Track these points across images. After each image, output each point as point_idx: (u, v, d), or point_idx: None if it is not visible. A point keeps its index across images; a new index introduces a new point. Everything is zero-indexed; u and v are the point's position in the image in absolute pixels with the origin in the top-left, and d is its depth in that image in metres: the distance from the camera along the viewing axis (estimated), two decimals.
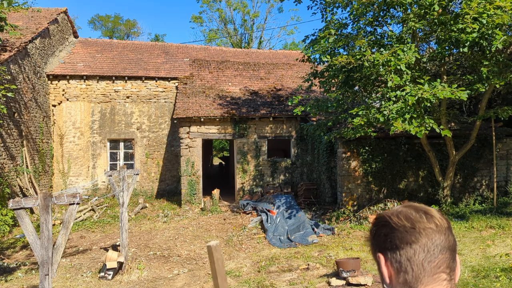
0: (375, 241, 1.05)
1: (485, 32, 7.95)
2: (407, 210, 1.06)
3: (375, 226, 1.07)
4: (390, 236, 1.00)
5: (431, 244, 0.97)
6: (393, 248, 0.99)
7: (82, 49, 17.31)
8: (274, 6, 38.59)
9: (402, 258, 0.98)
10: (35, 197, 4.31)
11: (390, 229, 1.01)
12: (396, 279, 0.99)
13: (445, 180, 10.83)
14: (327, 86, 10.94)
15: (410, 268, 0.97)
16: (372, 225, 1.09)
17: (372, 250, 1.08)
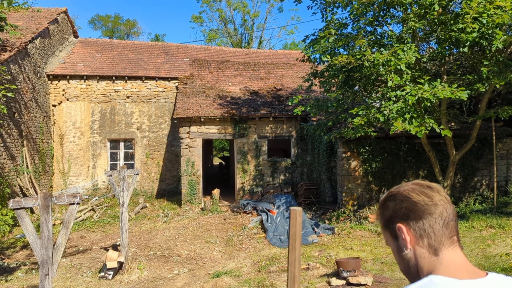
0: (395, 214, 1.22)
1: (485, 32, 7.94)
2: (419, 188, 1.27)
3: (393, 201, 1.24)
4: (412, 209, 1.19)
5: (446, 213, 1.18)
6: (416, 218, 1.18)
7: (82, 49, 17.32)
8: (274, 6, 38.59)
9: (425, 226, 1.17)
10: (35, 197, 4.31)
11: (411, 203, 1.20)
12: (420, 244, 1.17)
13: (445, 180, 10.83)
14: (327, 86, 10.94)
15: (432, 233, 1.17)
16: (389, 201, 1.26)
17: (387, 223, 1.25)
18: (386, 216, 1.26)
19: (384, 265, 6.63)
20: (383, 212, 1.27)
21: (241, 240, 9.92)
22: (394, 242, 1.24)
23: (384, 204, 1.28)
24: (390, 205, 1.25)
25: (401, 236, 1.20)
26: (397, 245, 1.23)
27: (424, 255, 1.17)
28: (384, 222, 1.26)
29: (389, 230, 1.25)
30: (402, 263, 1.23)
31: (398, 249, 1.23)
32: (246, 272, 7.26)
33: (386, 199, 1.28)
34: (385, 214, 1.26)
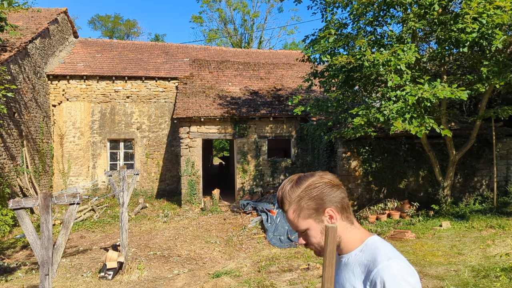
0: (318, 206, 1.46)
1: (485, 32, 7.95)
2: (326, 176, 1.51)
3: (309, 196, 1.46)
4: (331, 193, 1.47)
5: (345, 192, 1.51)
6: (336, 199, 1.47)
7: (82, 49, 17.32)
8: (274, 6, 38.60)
9: (343, 203, 1.48)
10: (35, 197, 4.31)
11: (328, 189, 1.47)
12: (341, 217, 1.48)
13: (445, 180, 10.83)
14: (327, 86, 10.94)
15: (347, 207, 1.50)
16: (305, 201, 1.47)
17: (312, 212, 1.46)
18: (313, 206, 1.46)
19: None
20: (307, 206, 1.46)
21: (241, 240, 9.92)
22: (318, 226, 1.47)
23: (308, 199, 1.46)
24: (314, 196, 1.46)
25: (330, 214, 1.46)
26: (321, 228, 1.46)
27: (346, 226, 1.49)
28: (312, 212, 1.46)
29: (313, 218, 1.47)
30: (322, 237, 1.46)
31: (317, 230, 1.47)
32: (246, 272, 7.26)
33: (306, 194, 1.47)
34: (313, 205, 1.46)
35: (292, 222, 1.50)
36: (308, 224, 1.47)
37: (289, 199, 1.49)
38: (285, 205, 1.50)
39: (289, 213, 1.50)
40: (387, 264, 1.36)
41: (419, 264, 6.52)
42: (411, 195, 11.71)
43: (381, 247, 1.44)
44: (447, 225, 9.16)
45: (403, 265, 1.38)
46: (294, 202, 1.48)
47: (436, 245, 7.75)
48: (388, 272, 1.34)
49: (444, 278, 5.76)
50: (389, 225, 9.91)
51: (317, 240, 1.48)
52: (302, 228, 1.49)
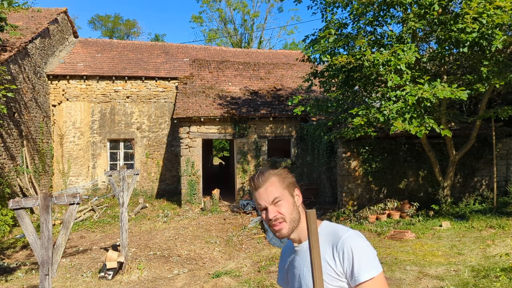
0: (293, 181, 1.75)
1: (485, 32, 7.95)
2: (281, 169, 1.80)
3: (289, 174, 1.76)
4: (293, 179, 1.77)
5: None
6: (296, 184, 1.78)
7: (82, 49, 17.32)
8: (274, 6, 38.60)
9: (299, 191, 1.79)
10: (35, 197, 4.31)
11: (291, 175, 1.76)
12: (300, 197, 1.77)
13: (445, 180, 10.83)
14: (327, 86, 10.94)
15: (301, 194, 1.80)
16: (286, 174, 1.75)
17: (289, 185, 1.73)
18: (289, 181, 1.73)
19: (384, 265, 6.63)
20: (285, 179, 1.72)
21: (241, 240, 9.92)
22: (291, 199, 1.71)
23: (286, 174, 1.74)
24: (289, 176, 1.74)
25: (298, 194, 1.75)
26: (293, 201, 1.72)
27: (300, 205, 1.76)
28: (287, 185, 1.71)
29: (288, 190, 1.71)
30: (294, 212, 1.70)
31: (294, 203, 1.72)
32: (246, 272, 7.26)
33: (283, 172, 1.75)
34: (289, 180, 1.73)
35: (269, 192, 1.69)
36: (283, 194, 1.69)
37: (272, 172, 1.73)
38: (261, 182, 1.70)
39: (266, 185, 1.69)
40: (349, 235, 1.61)
41: (419, 264, 6.52)
42: (411, 195, 11.71)
43: (336, 225, 1.72)
44: (447, 225, 9.16)
45: (358, 233, 1.65)
46: (278, 174, 1.72)
47: (436, 245, 7.75)
48: (352, 239, 1.60)
49: (444, 278, 5.76)
50: (389, 225, 9.91)
51: (288, 211, 1.69)
52: (277, 195, 1.68)
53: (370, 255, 1.61)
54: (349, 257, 1.56)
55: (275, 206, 1.68)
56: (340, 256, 1.58)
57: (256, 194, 1.71)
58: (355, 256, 1.56)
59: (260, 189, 1.68)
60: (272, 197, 1.67)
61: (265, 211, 1.69)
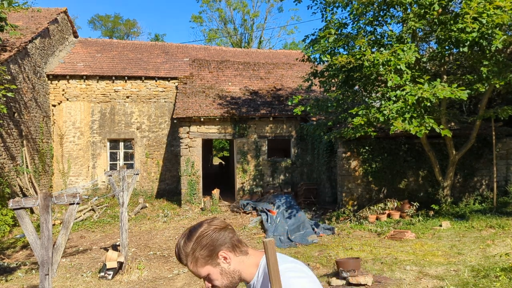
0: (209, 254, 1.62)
1: (485, 31, 7.95)
2: (213, 222, 1.68)
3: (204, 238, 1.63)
4: (219, 237, 1.64)
5: (233, 231, 1.69)
6: (226, 241, 1.64)
7: (82, 49, 17.31)
8: (274, 6, 38.63)
9: (233, 242, 1.65)
10: (35, 197, 4.31)
11: (216, 234, 1.64)
12: (234, 254, 1.65)
13: (445, 180, 10.83)
14: (327, 86, 10.94)
15: (237, 243, 1.67)
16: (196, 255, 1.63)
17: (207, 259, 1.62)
18: (205, 254, 1.62)
19: (384, 265, 6.63)
20: (200, 258, 1.62)
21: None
22: (217, 270, 1.64)
23: (200, 251, 1.62)
24: (204, 249, 1.62)
25: (223, 256, 1.63)
26: (220, 269, 1.64)
27: (242, 259, 1.67)
28: (205, 261, 1.63)
29: (210, 264, 1.63)
30: (225, 278, 1.64)
31: (221, 271, 1.64)
32: None
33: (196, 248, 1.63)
34: (205, 254, 1.62)
35: (194, 272, 1.66)
36: (207, 270, 1.64)
37: (184, 253, 1.64)
38: (183, 260, 1.65)
39: (189, 265, 1.65)
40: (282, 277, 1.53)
41: (419, 264, 6.52)
42: (411, 195, 11.71)
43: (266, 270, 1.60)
44: (447, 225, 9.16)
45: (292, 273, 1.57)
46: (190, 255, 1.63)
47: (436, 245, 7.75)
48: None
49: (444, 278, 5.76)
50: (389, 225, 9.91)
51: (219, 281, 1.65)
52: (204, 275, 1.65)
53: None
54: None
55: (207, 280, 1.68)
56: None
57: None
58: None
59: (188, 267, 1.68)
60: (200, 276, 1.67)
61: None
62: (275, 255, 1.45)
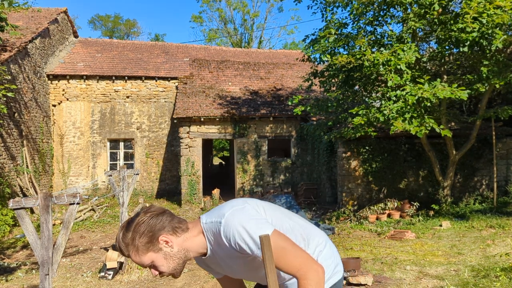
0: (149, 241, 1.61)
1: (485, 31, 7.95)
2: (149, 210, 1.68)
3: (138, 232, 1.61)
4: (157, 223, 1.62)
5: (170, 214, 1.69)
6: (164, 225, 1.63)
7: (82, 49, 17.31)
8: (274, 6, 38.63)
9: (172, 224, 1.64)
10: (35, 197, 4.31)
11: (154, 220, 1.62)
12: (176, 235, 1.64)
13: (445, 180, 10.83)
14: (327, 86, 10.94)
15: (177, 223, 1.66)
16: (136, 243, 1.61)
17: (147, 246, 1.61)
18: (145, 241, 1.60)
19: (384, 265, 6.63)
20: (140, 245, 1.60)
21: None
22: (160, 255, 1.63)
23: (139, 239, 1.61)
24: (142, 236, 1.61)
25: (165, 240, 1.62)
26: (163, 253, 1.63)
27: (185, 237, 1.66)
28: (147, 248, 1.61)
29: (152, 250, 1.62)
30: (170, 261, 1.64)
31: (165, 255, 1.63)
32: None
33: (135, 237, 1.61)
34: (144, 240, 1.60)
35: (137, 262, 1.64)
36: (150, 257, 1.62)
37: (124, 244, 1.61)
38: (124, 251, 1.62)
39: (131, 255, 1.62)
40: (222, 228, 1.60)
41: (419, 264, 6.52)
42: (411, 195, 11.71)
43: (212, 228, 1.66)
44: (447, 225, 9.16)
45: (231, 215, 1.60)
46: (130, 245, 1.61)
47: (436, 245, 7.75)
48: (229, 231, 1.57)
49: (444, 277, 5.76)
50: (389, 225, 9.91)
51: (165, 267, 1.64)
52: (147, 263, 1.63)
53: (248, 228, 1.55)
54: (237, 243, 1.57)
55: (153, 268, 1.66)
56: (232, 244, 1.59)
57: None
58: (242, 246, 1.56)
59: (131, 258, 1.65)
60: (144, 265, 1.65)
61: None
62: (271, 250, 1.46)
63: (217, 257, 1.72)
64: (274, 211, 1.76)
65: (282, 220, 1.74)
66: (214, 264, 1.81)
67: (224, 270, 1.83)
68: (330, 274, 1.82)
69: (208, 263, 1.82)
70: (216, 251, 1.69)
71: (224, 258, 1.70)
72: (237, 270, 1.77)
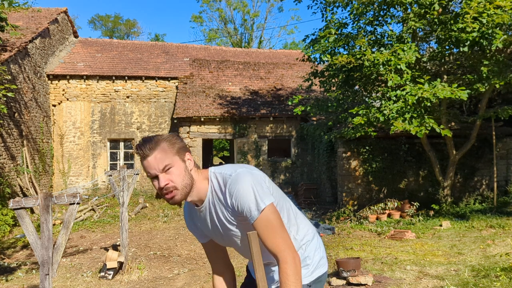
0: (183, 147, 1.71)
1: (485, 31, 7.95)
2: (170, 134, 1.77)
3: (178, 139, 1.73)
4: (184, 143, 1.74)
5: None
6: (188, 150, 1.75)
7: (82, 49, 17.31)
8: (274, 6, 38.63)
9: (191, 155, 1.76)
10: (36, 197, 4.31)
11: (180, 140, 1.74)
12: (194, 164, 1.76)
13: (445, 180, 10.83)
14: (327, 86, 10.94)
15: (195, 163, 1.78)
16: (175, 139, 1.71)
17: (179, 150, 1.69)
18: (179, 146, 1.69)
19: (384, 265, 6.63)
20: (175, 144, 1.69)
21: None
22: (182, 164, 1.68)
23: (176, 140, 1.71)
24: (178, 141, 1.71)
25: (189, 158, 1.72)
26: (184, 166, 1.69)
27: (196, 171, 1.76)
28: (177, 150, 1.68)
29: (179, 156, 1.68)
30: (186, 177, 1.69)
31: (185, 169, 1.70)
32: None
33: (172, 137, 1.72)
34: (179, 145, 1.69)
35: (158, 160, 1.63)
36: (174, 161, 1.66)
37: (155, 141, 1.65)
38: (148, 151, 1.63)
39: (155, 153, 1.63)
40: (229, 183, 1.67)
41: (419, 264, 6.52)
42: (411, 195, 11.71)
43: (220, 176, 1.73)
44: (447, 225, 9.16)
45: (240, 175, 1.66)
46: (162, 141, 1.66)
47: (436, 244, 7.75)
48: (235, 189, 1.65)
49: (444, 277, 5.76)
50: (389, 224, 9.91)
51: (180, 179, 1.67)
52: (167, 162, 1.64)
53: (255, 191, 1.63)
54: (238, 202, 1.64)
55: (166, 173, 1.66)
56: (233, 202, 1.66)
57: (144, 163, 1.66)
58: (243, 199, 1.62)
59: (148, 158, 1.63)
60: (162, 165, 1.64)
61: (156, 180, 1.66)
62: (258, 246, 1.51)
63: (211, 212, 1.78)
64: (277, 190, 1.83)
65: (281, 200, 1.81)
66: (203, 223, 1.86)
67: (210, 232, 1.87)
68: (316, 266, 1.87)
69: (198, 219, 1.88)
70: (213, 204, 1.75)
71: (215, 215, 1.76)
72: (223, 235, 1.81)
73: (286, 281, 1.57)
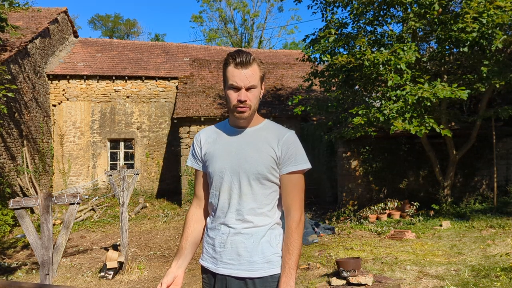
0: (264, 75, 1.84)
1: (485, 31, 7.95)
2: None
3: (261, 64, 1.83)
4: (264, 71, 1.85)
5: None
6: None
7: (82, 49, 17.31)
8: (274, 6, 38.61)
9: None
10: (36, 197, 4.31)
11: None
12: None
13: (445, 179, 10.83)
14: (327, 86, 10.94)
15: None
16: (261, 66, 1.82)
17: (262, 75, 1.82)
18: (263, 72, 1.83)
19: (384, 265, 6.63)
20: (262, 70, 1.82)
21: None
22: (259, 90, 1.83)
23: (261, 66, 1.82)
24: (262, 67, 1.84)
25: (263, 87, 1.86)
26: (260, 92, 1.84)
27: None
28: (262, 76, 1.81)
29: (261, 81, 1.81)
30: (257, 103, 1.83)
31: (259, 95, 1.84)
32: None
33: (259, 62, 1.82)
34: (263, 72, 1.83)
35: (249, 77, 1.75)
36: (258, 84, 1.80)
37: (252, 59, 1.76)
38: (246, 63, 1.73)
39: (250, 68, 1.75)
40: (291, 133, 1.91)
41: (419, 264, 6.52)
42: (411, 195, 11.71)
43: (278, 125, 1.96)
44: (447, 225, 9.17)
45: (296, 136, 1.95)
46: (256, 62, 1.78)
47: (436, 244, 7.75)
48: (294, 138, 1.90)
49: (444, 277, 5.76)
50: (389, 224, 9.91)
51: (255, 100, 1.80)
52: (254, 83, 1.76)
53: (304, 153, 1.92)
54: (289, 149, 1.86)
55: (248, 91, 1.77)
56: (284, 147, 1.85)
57: (235, 71, 1.75)
58: (295, 150, 1.87)
59: (243, 70, 1.74)
60: (251, 82, 1.76)
61: (237, 91, 1.77)
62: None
63: (251, 135, 1.89)
64: None
65: None
66: (226, 143, 1.91)
67: (226, 151, 1.91)
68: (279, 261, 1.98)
69: (221, 141, 1.92)
70: (257, 132, 1.89)
71: (252, 139, 1.88)
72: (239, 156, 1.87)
73: (291, 237, 1.88)
